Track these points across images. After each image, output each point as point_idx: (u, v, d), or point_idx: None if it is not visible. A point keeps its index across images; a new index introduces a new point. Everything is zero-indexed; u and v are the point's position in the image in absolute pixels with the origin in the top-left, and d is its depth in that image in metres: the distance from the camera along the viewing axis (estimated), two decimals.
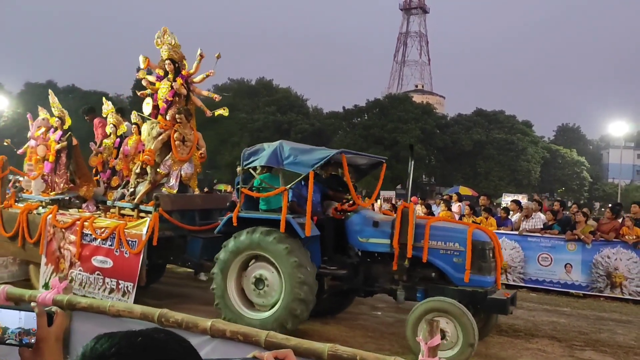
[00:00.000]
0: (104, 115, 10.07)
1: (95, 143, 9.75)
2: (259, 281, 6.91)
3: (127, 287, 7.69)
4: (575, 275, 10.61)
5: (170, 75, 8.79)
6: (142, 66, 9.02)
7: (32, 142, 9.44)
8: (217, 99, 8.78)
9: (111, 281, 7.84)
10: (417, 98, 61.97)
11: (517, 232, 11.21)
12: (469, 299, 6.23)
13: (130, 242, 7.76)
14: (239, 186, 7.46)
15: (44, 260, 8.53)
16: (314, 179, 7.12)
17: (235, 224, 7.04)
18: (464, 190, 35.29)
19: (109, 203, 8.92)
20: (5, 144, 9.80)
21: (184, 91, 8.68)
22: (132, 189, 8.81)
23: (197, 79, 8.82)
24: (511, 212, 12.43)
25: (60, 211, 8.71)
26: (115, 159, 9.66)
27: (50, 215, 8.57)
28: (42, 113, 9.59)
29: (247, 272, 7.06)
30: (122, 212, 8.62)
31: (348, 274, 6.99)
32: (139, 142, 9.60)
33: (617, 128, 49.77)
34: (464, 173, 50.83)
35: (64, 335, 1.48)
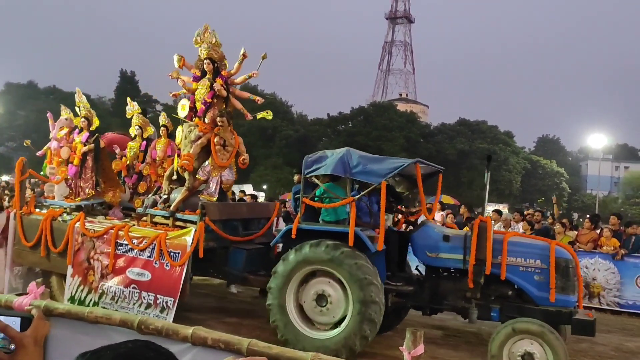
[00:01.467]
0: (129, 117, 9.45)
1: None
2: (321, 298, 6.40)
3: (166, 302, 7.07)
4: None
5: (208, 76, 8.24)
6: (176, 65, 8.41)
7: (54, 144, 8.76)
8: (259, 102, 8.24)
9: (148, 295, 7.22)
10: (402, 106, 62.09)
11: None
12: (554, 319, 5.83)
13: (172, 253, 7.16)
14: (297, 195, 6.96)
15: (70, 271, 7.86)
16: (371, 190, 6.71)
17: (294, 235, 6.52)
18: (447, 199, 35.16)
19: (139, 210, 8.30)
20: (25, 145, 9.09)
21: (225, 93, 8.13)
22: (165, 196, 8.21)
23: (238, 80, 8.27)
24: (493, 222, 12.29)
25: (88, 218, 8.06)
26: (142, 163, 9.06)
27: (78, 223, 7.91)
28: (65, 112, 8.92)
29: (307, 288, 6.54)
30: (153, 220, 8.03)
31: (414, 290, 6.54)
32: (168, 146, 9.03)
33: (596, 140, 50.54)
34: (448, 182, 50.85)
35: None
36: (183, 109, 8.32)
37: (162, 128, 9.11)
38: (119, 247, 7.54)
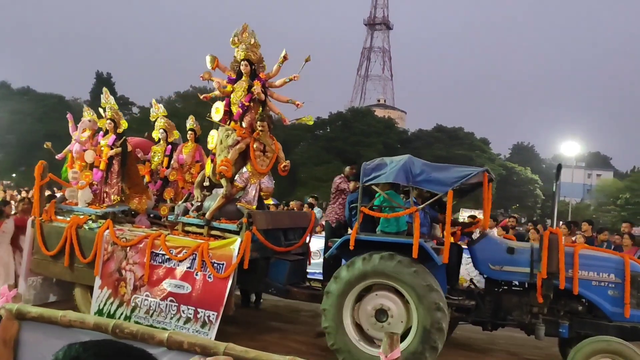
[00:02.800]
0: (152, 119, 8.98)
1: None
2: (381, 313, 6.07)
3: (208, 316, 6.64)
4: None
5: (244, 78, 7.85)
6: (209, 66, 7.98)
7: (75, 147, 8.22)
8: (299, 106, 7.85)
9: (188, 309, 6.78)
10: (380, 112, 62.11)
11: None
12: (629, 335, 5.64)
13: (216, 264, 6.74)
14: (353, 204, 6.63)
15: (98, 283, 7.35)
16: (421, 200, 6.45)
17: (352, 246, 6.19)
18: None
19: (170, 218, 7.84)
20: (45, 147, 8.52)
21: (263, 96, 7.75)
22: (197, 203, 7.77)
23: (277, 82, 7.87)
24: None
25: (117, 227, 7.56)
26: (166, 168, 8.60)
27: (107, 231, 7.41)
28: (88, 114, 8.40)
29: (363, 303, 6.21)
30: (185, 229, 7.59)
31: (476, 304, 6.27)
32: (196, 151, 8.59)
33: (569, 148, 51.55)
34: None
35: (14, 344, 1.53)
36: (217, 112, 7.90)
37: (189, 132, 8.68)
38: (155, 258, 7.08)
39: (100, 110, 8.32)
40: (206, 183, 7.97)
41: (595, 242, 10.64)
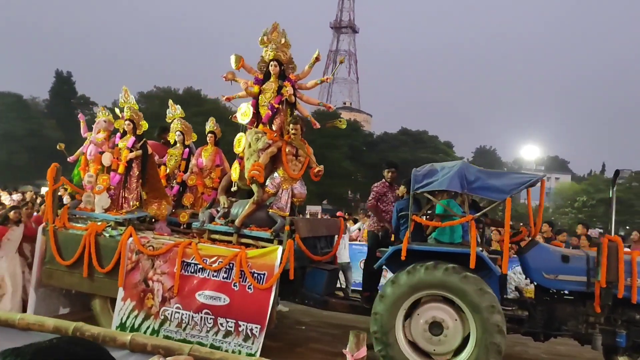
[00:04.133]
0: (169, 120, 8.52)
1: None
2: (435, 325, 5.84)
3: (251, 329, 6.26)
4: None
5: (273, 79, 7.52)
6: (233, 66, 7.63)
7: (90, 148, 7.70)
8: (330, 109, 7.59)
9: (227, 322, 6.38)
10: (345, 115, 61.95)
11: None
12: None
13: (256, 274, 6.37)
14: (402, 213, 6.39)
15: (121, 294, 6.86)
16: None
17: (404, 257, 5.94)
18: None
19: (195, 225, 7.40)
20: (58, 148, 7.94)
21: (293, 98, 7.45)
22: (223, 210, 7.38)
23: (309, 84, 7.61)
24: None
25: (140, 234, 7.09)
26: (184, 172, 8.16)
27: (131, 239, 6.93)
28: (103, 114, 7.89)
29: (414, 318, 5.96)
30: (211, 236, 7.19)
31: (529, 315, 6.12)
32: (217, 154, 8.19)
33: (529, 152, 52.87)
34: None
35: None
36: (245, 115, 7.53)
37: (209, 135, 8.27)
38: (186, 267, 6.65)
39: (117, 110, 7.83)
40: (234, 188, 7.60)
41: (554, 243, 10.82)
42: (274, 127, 7.40)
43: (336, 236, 8.16)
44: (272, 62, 7.48)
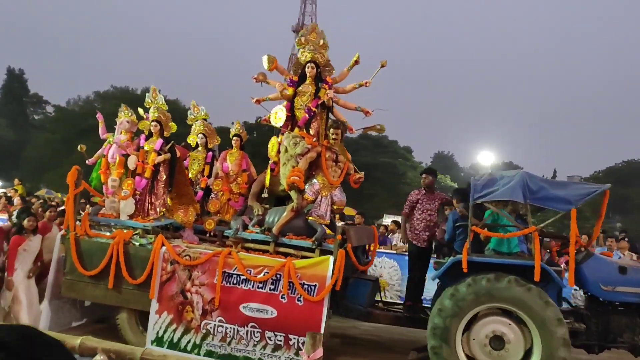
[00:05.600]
0: (190, 122, 8.11)
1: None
2: (496, 339, 5.70)
3: (302, 342, 5.95)
4: None
5: (309, 81, 7.27)
6: (265, 67, 7.34)
7: (112, 150, 7.21)
8: (369, 115, 7.34)
9: (276, 335, 6.06)
10: None
11: (395, 252, 10.96)
12: None
13: (306, 285, 6.07)
14: (458, 224, 6.24)
15: (155, 307, 6.42)
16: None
17: (465, 269, 5.79)
18: (349, 211, 35.68)
19: (228, 233, 7.02)
20: (79, 150, 7.39)
21: (331, 102, 7.20)
22: (258, 217, 7.05)
23: (347, 88, 7.36)
24: (390, 233, 12.53)
25: (172, 242, 6.67)
26: (208, 177, 7.78)
27: (164, 248, 6.50)
28: (125, 114, 7.40)
29: (474, 329, 5.81)
30: (245, 245, 6.86)
31: (587, 327, 6.07)
32: (243, 159, 7.84)
33: (485, 158, 53.97)
34: (350, 194, 51.57)
35: None
36: (279, 119, 7.23)
37: (234, 138, 7.91)
38: (228, 278, 6.29)
39: (140, 110, 7.37)
40: (265, 194, 7.28)
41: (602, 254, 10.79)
42: (311, 132, 7.13)
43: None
44: (309, 64, 7.22)
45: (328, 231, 6.69)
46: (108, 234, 6.82)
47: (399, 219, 25.53)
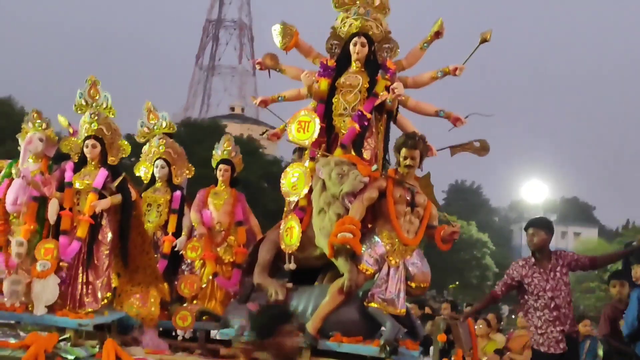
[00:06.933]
0: (141, 138, 8.18)
1: None
2: None
3: None
4: None
5: (355, 67, 7.68)
6: (278, 44, 7.84)
7: (15, 189, 7.14)
8: (460, 124, 7.58)
9: None
10: (234, 128, 62.28)
11: None
12: None
13: None
14: None
15: None
16: None
17: None
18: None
19: (222, 334, 7.03)
20: None
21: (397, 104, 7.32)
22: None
23: (424, 77, 8.00)
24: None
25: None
26: (175, 235, 7.75)
27: None
28: (36, 125, 7.56)
29: None
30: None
31: None
32: (237, 203, 7.81)
33: (534, 192, 55.42)
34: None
35: None
36: (302, 134, 7.16)
37: (221, 166, 8.01)
38: None
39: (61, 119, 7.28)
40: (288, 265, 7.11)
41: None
42: (365, 154, 7.06)
43: None
44: (354, 39, 7.24)
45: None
46: (13, 340, 6.54)
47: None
